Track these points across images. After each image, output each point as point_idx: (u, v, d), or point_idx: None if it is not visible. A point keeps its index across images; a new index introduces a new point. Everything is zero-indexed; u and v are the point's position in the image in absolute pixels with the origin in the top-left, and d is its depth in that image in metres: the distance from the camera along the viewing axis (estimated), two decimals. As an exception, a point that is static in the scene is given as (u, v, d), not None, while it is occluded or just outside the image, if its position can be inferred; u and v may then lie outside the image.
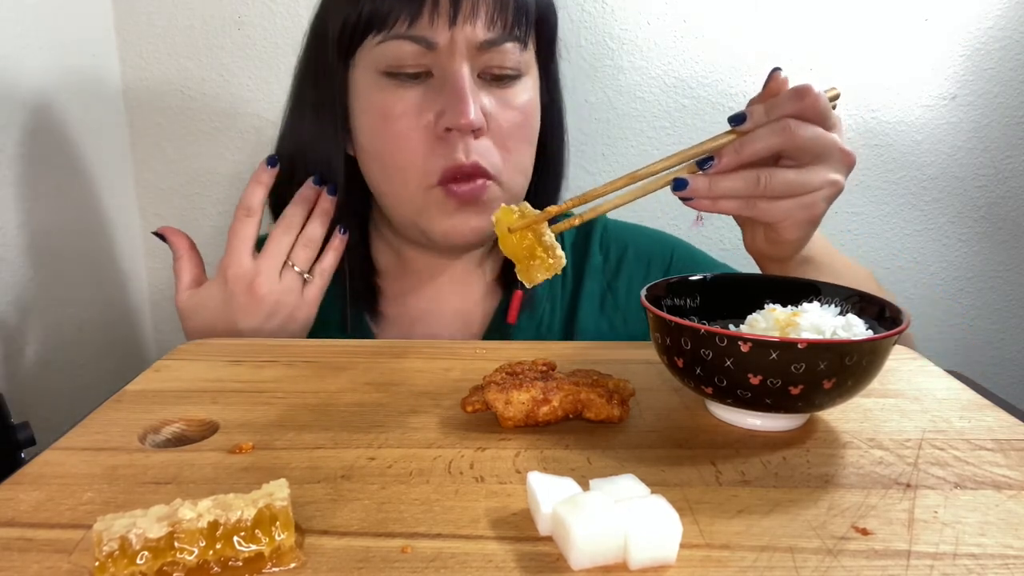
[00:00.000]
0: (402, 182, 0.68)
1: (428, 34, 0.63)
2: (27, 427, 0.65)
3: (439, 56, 0.64)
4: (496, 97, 0.67)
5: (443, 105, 0.64)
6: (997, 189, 1.09)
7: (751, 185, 0.53)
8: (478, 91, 0.65)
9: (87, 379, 0.93)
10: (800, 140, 0.53)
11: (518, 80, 0.68)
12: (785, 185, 0.54)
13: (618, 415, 0.45)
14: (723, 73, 1.04)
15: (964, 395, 0.52)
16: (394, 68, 0.65)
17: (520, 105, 0.68)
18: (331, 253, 0.71)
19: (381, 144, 0.67)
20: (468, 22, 0.63)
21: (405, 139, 0.65)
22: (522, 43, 0.66)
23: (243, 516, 0.32)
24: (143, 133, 1.04)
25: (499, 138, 0.67)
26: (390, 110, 0.66)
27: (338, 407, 0.49)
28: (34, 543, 0.34)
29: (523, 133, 0.69)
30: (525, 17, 0.66)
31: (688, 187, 0.53)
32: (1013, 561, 0.33)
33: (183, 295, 0.71)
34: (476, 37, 0.64)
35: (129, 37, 1.00)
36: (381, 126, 0.66)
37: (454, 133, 0.64)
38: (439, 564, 0.33)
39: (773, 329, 0.46)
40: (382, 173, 0.69)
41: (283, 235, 0.69)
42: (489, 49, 0.65)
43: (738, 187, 0.53)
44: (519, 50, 0.66)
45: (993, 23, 1.02)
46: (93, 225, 0.96)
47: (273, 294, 0.67)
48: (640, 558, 0.32)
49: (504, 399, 0.45)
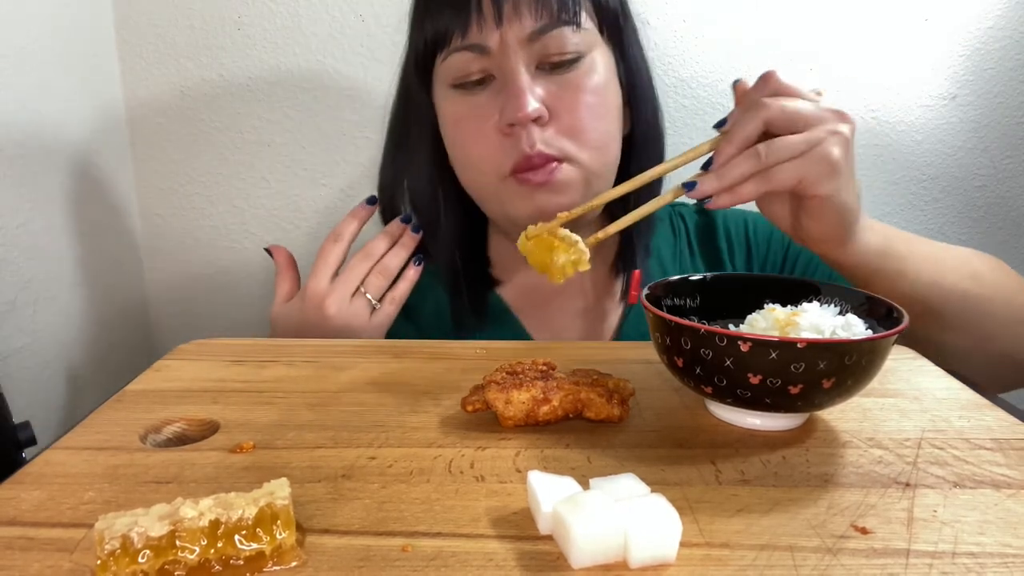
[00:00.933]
0: (480, 176, 0.72)
1: (479, 40, 0.67)
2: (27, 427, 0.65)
3: (495, 58, 0.67)
4: (558, 84, 0.68)
5: (504, 103, 0.67)
6: (997, 189, 1.09)
7: (755, 161, 0.53)
8: (536, 82, 0.67)
9: (87, 379, 0.93)
10: (780, 108, 0.54)
11: (580, 61, 0.68)
12: (786, 147, 0.54)
13: (618, 414, 0.46)
14: (723, 73, 1.04)
15: (963, 395, 0.52)
16: (459, 79, 0.69)
17: (585, 86, 0.68)
18: (404, 283, 0.75)
19: (459, 149, 0.73)
20: (514, 18, 0.65)
21: (475, 139, 0.70)
22: (574, 24, 0.67)
23: (244, 515, 0.32)
24: (143, 133, 1.04)
25: (565, 123, 0.68)
26: (461, 116, 0.71)
27: (339, 407, 0.49)
28: (36, 542, 0.34)
29: (592, 112, 0.69)
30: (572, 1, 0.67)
31: (698, 187, 0.54)
32: (1012, 560, 0.33)
33: (275, 307, 0.76)
34: (524, 30, 0.66)
35: (129, 37, 1.00)
36: (456, 132, 0.72)
37: (517, 128, 0.67)
38: (440, 563, 0.33)
39: (773, 329, 0.46)
40: (464, 174, 0.74)
41: (360, 263, 0.73)
42: (541, 37, 0.66)
43: (745, 167, 0.54)
44: (573, 32, 0.67)
45: (993, 23, 1.02)
46: (93, 225, 0.96)
47: (341, 316, 0.71)
48: (640, 557, 0.32)
49: (504, 398, 0.45)
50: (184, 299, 1.11)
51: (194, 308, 1.11)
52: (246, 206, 1.07)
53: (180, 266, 1.10)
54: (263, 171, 1.06)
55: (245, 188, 1.07)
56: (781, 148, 0.53)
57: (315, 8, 1.00)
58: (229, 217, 1.08)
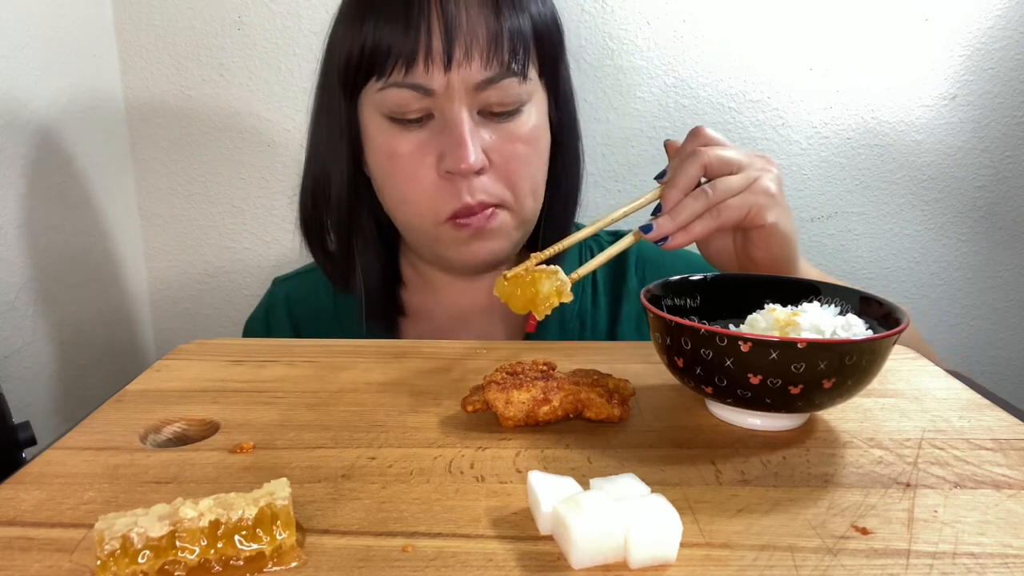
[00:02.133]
0: (415, 216, 0.70)
1: (424, 81, 0.64)
2: (27, 427, 0.65)
3: (438, 100, 0.65)
4: (498, 132, 0.67)
5: (444, 147, 0.65)
6: (997, 189, 1.09)
7: (703, 200, 0.58)
8: (478, 129, 0.66)
9: (87, 379, 0.93)
10: (715, 154, 0.59)
11: (520, 111, 0.68)
12: (729, 185, 0.58)
13: (618, 415, 0.46)
14: (723, 73, 1.04)
15: (964, 395, 0.52)
16: (396, 114, 0.66)
17: (523, 135, 0.68)
18: None
19: (391, 183, 0.70)
20: (463, 65, 0.63)
21: (412, 179, 0.67)
22: (521, 76, 0.66)
23: (244, 515, 0.32)
24: (143, 133, 1.04)
25: (503, 171, 0.67)
26: (395, 151, 0.67)
27: (338, 407, 0.49)
28: (35, 542, 0.34)
29: (528, 160, 0.69)
30: (522, 48, 0.66)
31: (655, 229, 0.57)
32: (1013, 560, 0.33)
33: None
34: (472, 78, 0.64)
35: (129, 37, 1.00)
36: (389, 165, 0.69)
37: (457, 176, 0.66)
38: (440, 563, 0.33)
39: (773, 329, 0.46)
40: (395, 207, 0.71)
41: None
42: (488, 87, 0.65)
43: (695, 206, 0.57)
44: (518, 83, 0.66)
45: (993, 23, 1.02)
46: (93, 225, 0.96)
47: None
48: (640, 557, 0.32)
49: (504, 399, 0.45)
50: (184, 299, 1.11)
51: (194, 308, 1.11)
52: (246, 206, 1.07)
53: (180, 266, 1.10)
54: (263, 171, 1.06)
55: (245, 188, 1.07)
56: (725, 186, 0.58)
57: (315, 8, 1.00)
58: (229, 217, 1.08)
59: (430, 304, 0.80)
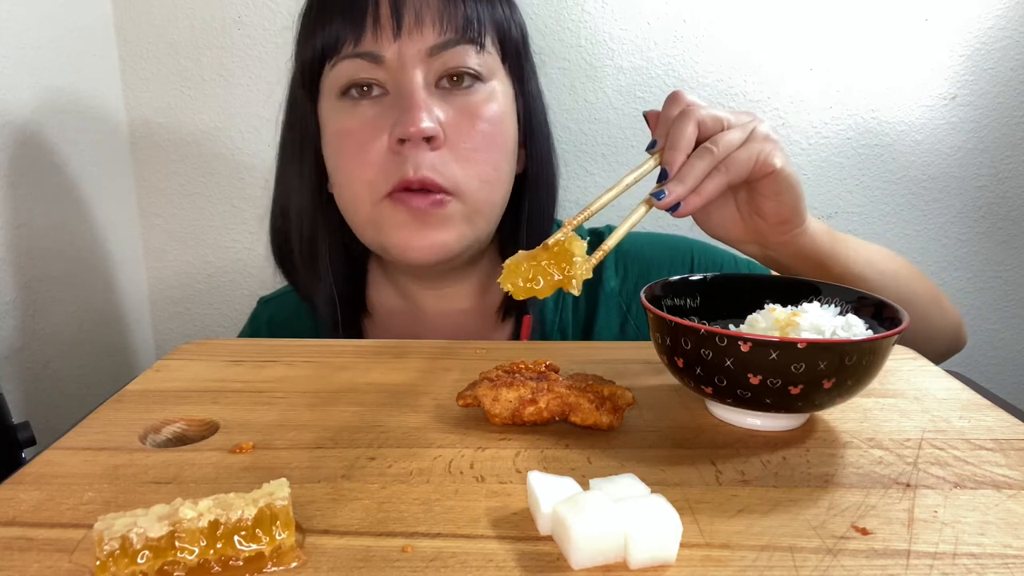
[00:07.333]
0: (357, 198, 0.66)
1: (373, 48, 0.63)
2: (27, 427, 0.65)
3: (390, 71, 0.63)
4: (456, 105, 0.64)
5: (397, 118, 0.62)
6: (997, 189, 1.09)
7: (709, 157, 0.54)
8: (433, 100, 0.63)
9: (87, 379, 0.93)
10: (706, 111, 0.56)
11: (479, 85, 0.65)
12: (731, 139, 0.55)
13: (607, 422, 0.45)
14: (723, 73, 1.04)
15: (964, 395, 0.52)
16: (346, 86, 0.64)
17: (483, 113, 0.65)
18: None
19: (339, 163, 0.66)
20: (415, 31, 0.62)
21: (358, 155, 0.64)
22: (477, 44, 0.64)
23: (244, 515, 0.32)
24: (143, 133, 1.04)
25: (458, 148, 0.64)
26: (345, 127, 0.65)
27: (338, 407, 0.49)
28: (35, 542, 0.34)
29: (487, 141, 0.65)
30: (478, 20, 0.64)
31: (667, 195, 0.53)
32: (1013, 561, 0.33)
33: None
34: (425, 43, 0.62)
35: (129, 37, 1.00)
36: (337, 146, 0.66)
37: (408, 146, 0.62)
38: (439, 564, 0.33)
39: (773, 329, 0.46)
40: (341, 195, 0.68)
41: None
42: (441, 53, 0.63)
43: (703, 164, 0.54)
44: (476, 52, 0.64)
45: (993, 23, 1.02)
46: (93, 225, 0.96)
47: None
48: (640, 557, 0.32)
49: (493, 396, 0.45)
50: (184, 299, 1.11)
51: (194, 308, 1.11)
52: (246, 206, 1.07)
53: (180, 266, 1.10)
54: (263, 171, 1.06)
55: (245, 188, 1.07)
56: (727, 140, 0.55)
57: (315, 8, 1.00)
58: (229, 217, 1.08)
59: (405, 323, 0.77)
